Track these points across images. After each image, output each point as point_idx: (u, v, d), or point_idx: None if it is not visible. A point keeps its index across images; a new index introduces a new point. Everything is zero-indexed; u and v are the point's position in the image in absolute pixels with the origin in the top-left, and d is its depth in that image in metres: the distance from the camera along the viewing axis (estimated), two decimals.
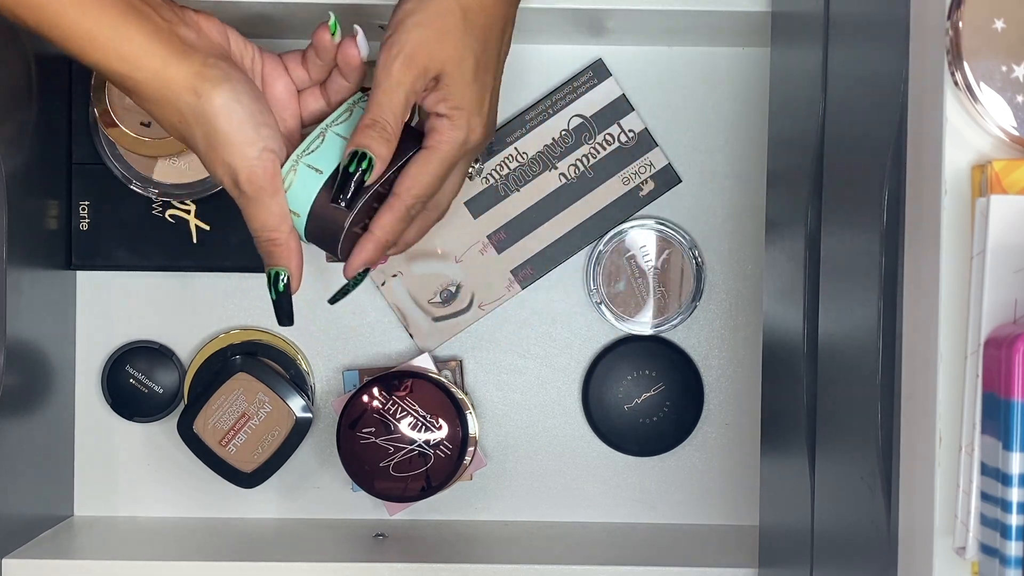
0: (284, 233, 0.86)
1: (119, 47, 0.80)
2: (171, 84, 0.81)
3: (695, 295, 1.13)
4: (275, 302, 0.88)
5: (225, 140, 0.82)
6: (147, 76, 0.81)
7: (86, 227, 1.10)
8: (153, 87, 0.81)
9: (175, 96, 0.81)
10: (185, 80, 0.81)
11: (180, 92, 0.81)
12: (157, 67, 0.81)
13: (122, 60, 0.80)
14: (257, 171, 0.83)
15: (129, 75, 0.81)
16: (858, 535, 0.72)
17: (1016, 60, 0.59)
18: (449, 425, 1.07)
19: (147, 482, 1.14)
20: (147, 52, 0.80)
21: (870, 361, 0.68)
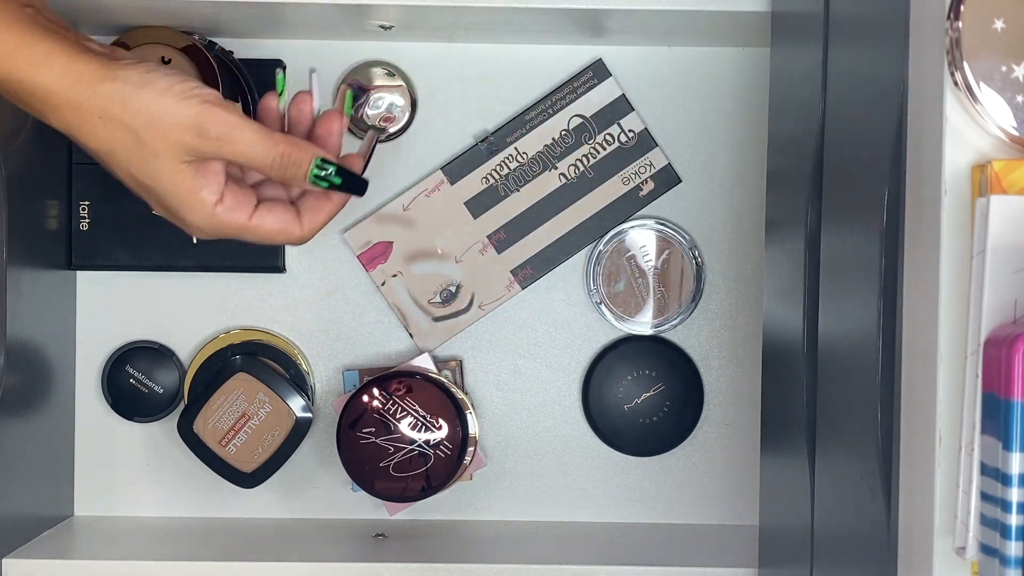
0: (283, 141, 0.80)
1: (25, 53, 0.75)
2: (82, 76, 0.75)
3: (695, 295, 1.13)
4: (344, 184, 0.82)
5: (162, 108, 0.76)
6: (56, 75, 0.75)
7: (86, 227, 1.10)
8: (65, 86, 0.75)
9: (90, 89, 0.75)
10: (97, 70, 0.75)
11: (95, 82, 0.75)
12: (64, 63, 0.75)
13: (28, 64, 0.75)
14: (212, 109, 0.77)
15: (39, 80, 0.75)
16: (858, 535, 0.72)
17: (1016, 60, 0.59)
18: (449, 425, 1.07)
19: (147, 482, 1.14)
20: (52, 52, 0.75)
21: (870, 361, 0.68)
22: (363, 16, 1.04)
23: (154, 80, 0.77)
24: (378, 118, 1.12)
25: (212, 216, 0.80)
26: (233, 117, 0.78)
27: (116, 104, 0.76)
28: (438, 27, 1.08)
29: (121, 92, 0.76)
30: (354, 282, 1.14)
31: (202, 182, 0.79)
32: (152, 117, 0.76)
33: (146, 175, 0.79)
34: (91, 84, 0.76)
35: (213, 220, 0.81)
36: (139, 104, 0.76)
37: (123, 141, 0.77)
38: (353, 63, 1.12)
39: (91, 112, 0.76)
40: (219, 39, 1.08)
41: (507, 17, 1.02)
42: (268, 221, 0.83)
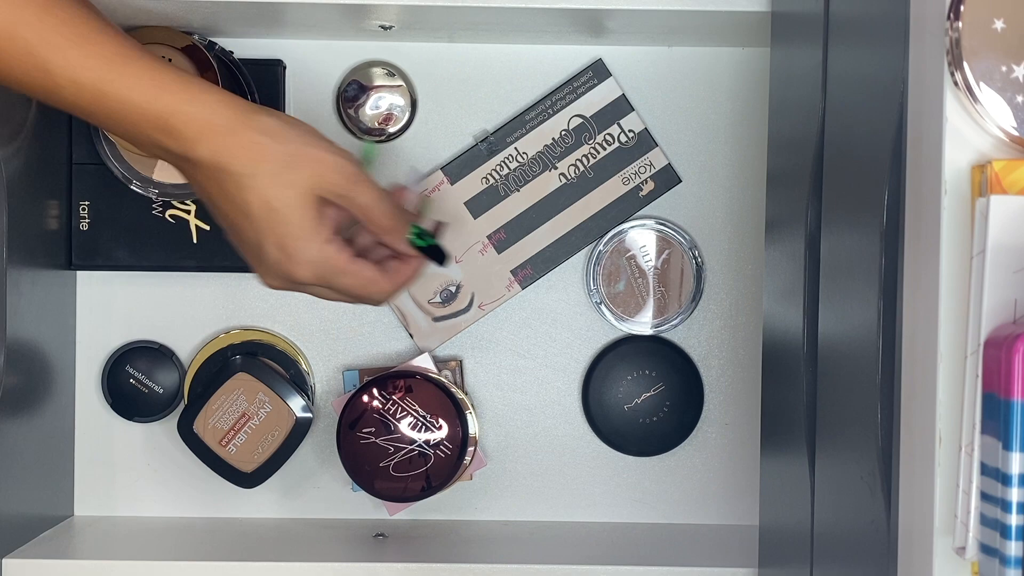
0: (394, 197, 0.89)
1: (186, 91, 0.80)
2: (239, 106, 0.81)
3: (695, 295, 1.13)
4: (431, 249, 0.91)
5: (320, 143, 0.83)
6: (214, 105, 0.81)
7: (86, 227, 1.10)
8: (225, 114, 0.81)
9: (248, 116, 0.81)
10: (250, 104, 0.82)
11: (251, 112, 0.81)
12: (220, 97, 0.81)
13: (188, 98, 0.80)
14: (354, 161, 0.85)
15: (196, 111, 0.80)
16: (858, 535, 0.72)
17: (1016, 60, 0.59)
18: (449, 425, 1.07)
19: (147, 482, 1.14)
20: (208, 89, 0.81)
21: (870, 361, 0.68)
22: (363, 16, 1.04)
23: (304, 125, 0.84)
24: (378, 118, 1.12)
25: (323, 248, 0.84)
26: (362, 172, 0.85)
27: (274, 129, 0.82)
28: (438, 27, 1.07)
29: (279, 125, 0.82)
30: None
31: (323, 217, 0.84)
32: (309, 144, 0.83)
33: (277, 198, 0.82)
34: (251, 113, 0.82)
35: (323, 252, 0.84)
36: (298, 137, 0.82)
37: (276, 157, 0.82)
38: (353, 63, 1.12)
39: (251, 130, 0.81)
40: (219, 39, 1.08)
41: (507, 17, 1.02)
42: (363, 268, 0.87)
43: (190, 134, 0.81)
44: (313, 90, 1.12)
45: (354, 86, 1.12)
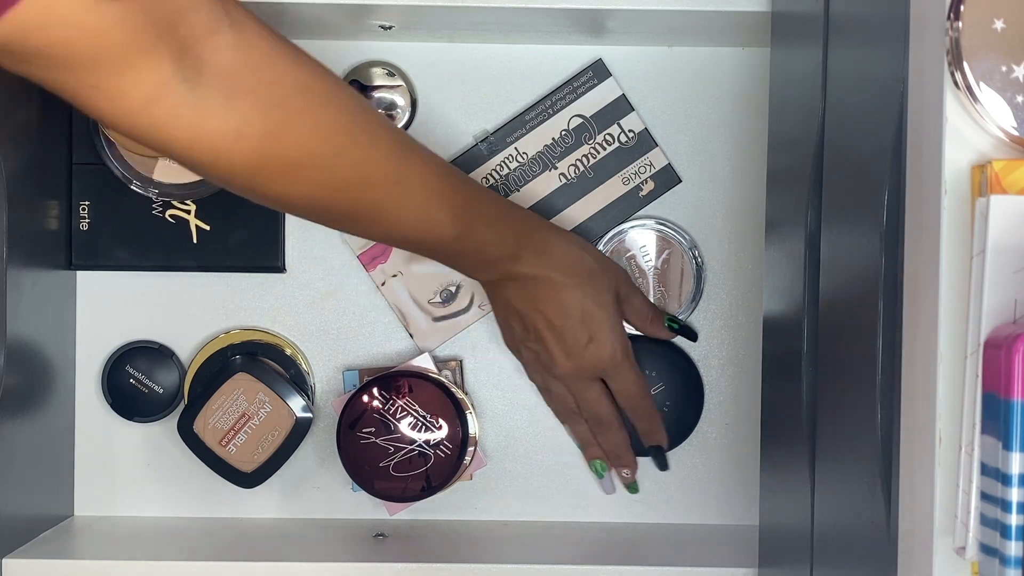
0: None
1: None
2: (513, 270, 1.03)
3: (695, 295, 1.13)
4: (680, 331, 1.13)
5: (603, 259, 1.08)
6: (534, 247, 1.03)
7: (86, 227, 1.10)
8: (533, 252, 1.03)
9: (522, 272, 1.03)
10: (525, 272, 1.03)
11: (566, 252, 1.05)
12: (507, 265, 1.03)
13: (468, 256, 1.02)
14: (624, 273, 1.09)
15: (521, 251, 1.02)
16: (858, 535, 0.72)
17: (1016, 60, 0.59)
18: (449, 425, 1.07)
19: (147, 482, 1.14)
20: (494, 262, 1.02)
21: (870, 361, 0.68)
22: (363, 16, 1.04)
23: None
24: None
25: (625, 352, 1.06)
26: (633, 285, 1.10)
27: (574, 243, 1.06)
28: (438, 27, 1.07)
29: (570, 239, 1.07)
30: (354, 282, 1.14)
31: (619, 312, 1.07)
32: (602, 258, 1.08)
33: (591, 298, 1.04)
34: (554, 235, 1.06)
35: (624, 354, 1.06)
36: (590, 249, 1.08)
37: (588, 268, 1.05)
38: (353, 63, 1.12)
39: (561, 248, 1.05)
40: None
41: (507, 17, 1.02)
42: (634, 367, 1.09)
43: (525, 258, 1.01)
44: None
45: (354, 86, 1.12)
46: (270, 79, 0.82)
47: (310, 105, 0.84)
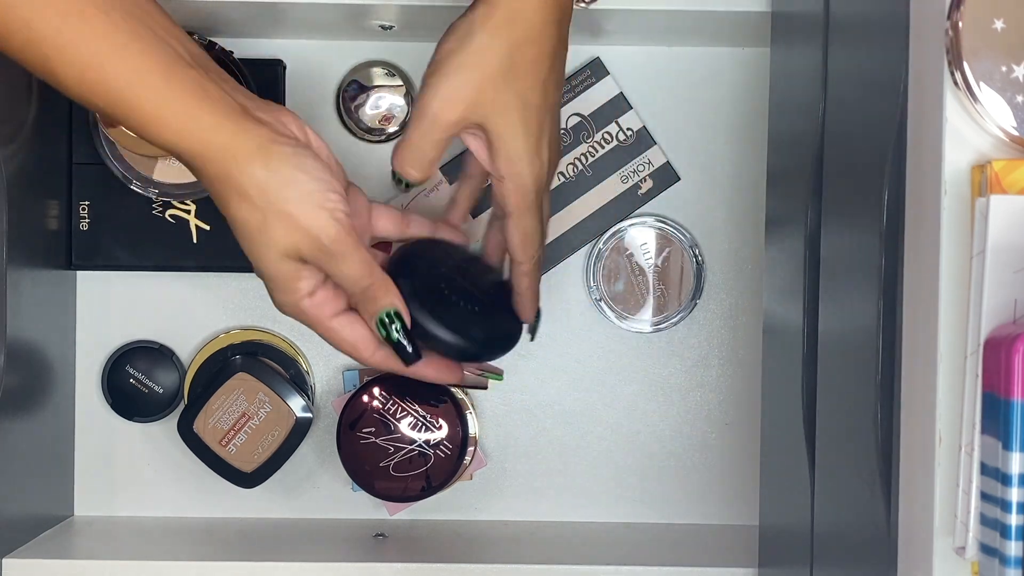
0: (377, 276, 0.85)
1: (188, 126, 0.79)
2: (238, 155, 0.79)
3: (695, 293, 1.13)
4: (395, 344, 0.86)
5: (297, 211, 0.81)
6: (215, 149, 0.79)
7: (86, 227, 1.10)
8: (219, 159, 0.79)
9: (239, 168, 0.79)
10: (253, 150, 0.80)
11: (247, 163, 0.79)
12: (225, 140, 0.79)
13: (192, 136, 0.79)
14: (336, 229, 0.82)
15: (198, 150, 0.79)
16: (858, 535, 0.72)
17: (1016, 60, 0.59)
18: (449, 425, 1.07)
19: (147, 482, 1.14)
20: (215, 128, 0.79)
21: (870, 361, 0.68)
22: (363, 16, 1.04)
23: (299, 180, 0.81)
24: (378, 118, 1.12)
25: (297, 304, 0.84)
26: (351, 241, 0.83)
27: (255, 189, 0.80)
28: (438, 27, 1.07)
29: (266, 181, 0.80)
30: None
31: (303, 274, 0.84)
32: (282, 214, 0.81)
33: (256, 255, 0.83)
34: (243, 163, 0.80)
35: (297, 307, 0.85)
36: (277, 198, 0.80)
37: (249, 221, 0.81)
38: (353, 63, 1.12)
39: (233, 188, 0.80)
40: (219, 39, 1.07)
41: None
42: (345, 331, 0.86)
43: (185, 161, 0.81)
44: (313, 90, 1.12)
45: (354, 86, 1.12)
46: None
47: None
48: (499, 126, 0.85)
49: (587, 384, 1.14)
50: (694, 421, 1.14)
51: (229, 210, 0.82)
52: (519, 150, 0.86)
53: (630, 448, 1.14)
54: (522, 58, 0.84)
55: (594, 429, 1.14)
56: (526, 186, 0.87)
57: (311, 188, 0.81)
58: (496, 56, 0.84)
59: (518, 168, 0.87)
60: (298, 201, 0.81)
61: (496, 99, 0.85)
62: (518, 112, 0.85)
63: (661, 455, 1.14)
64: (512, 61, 0.84)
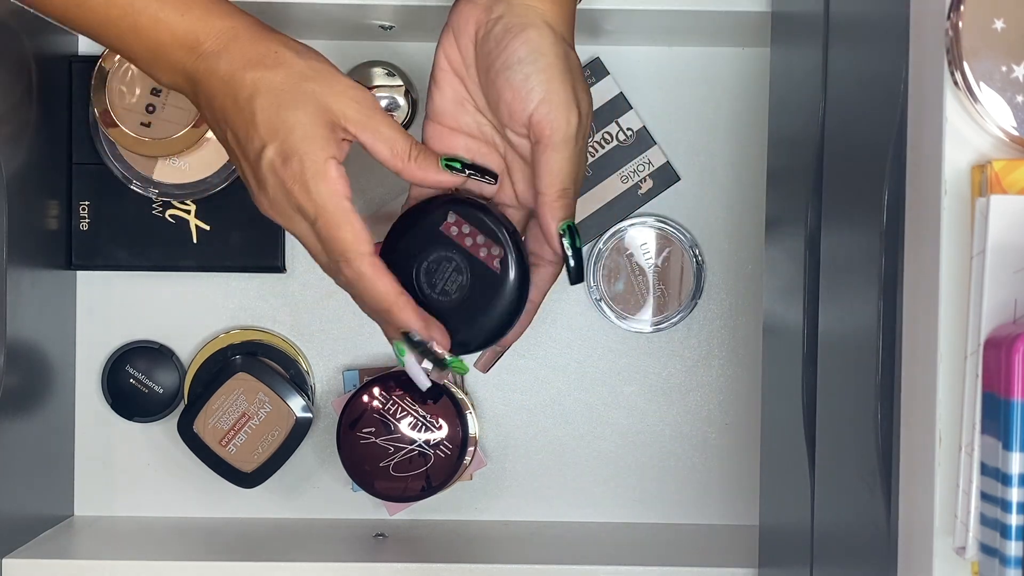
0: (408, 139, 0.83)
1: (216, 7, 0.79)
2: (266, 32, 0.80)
3: (695, 293, 1.13)
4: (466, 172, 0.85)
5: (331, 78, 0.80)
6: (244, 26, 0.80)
7: (86, 227, 1.10)
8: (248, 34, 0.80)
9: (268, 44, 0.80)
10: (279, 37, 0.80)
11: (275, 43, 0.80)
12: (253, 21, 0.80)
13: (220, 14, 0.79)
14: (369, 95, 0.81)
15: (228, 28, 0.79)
16: (858, 535, 0.72)
17: (1016, 60, 0.59)
18: (449, 425, 1.07)
19: (147, 482, 1.14)
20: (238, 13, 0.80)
21: (870, 361, 0.68)
22: (363, 16, 1.04)
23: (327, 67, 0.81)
24: None
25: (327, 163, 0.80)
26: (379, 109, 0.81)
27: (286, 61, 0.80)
28: (438, 27, 1.07)
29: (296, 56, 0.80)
30: None
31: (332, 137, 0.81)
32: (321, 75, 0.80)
33: (287, 104, 0.80)
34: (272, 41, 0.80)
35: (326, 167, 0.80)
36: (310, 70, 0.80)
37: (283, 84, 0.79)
38: (353, 63, 1.12)
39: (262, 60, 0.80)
40: None
41: None
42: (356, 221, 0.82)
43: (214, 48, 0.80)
44: None
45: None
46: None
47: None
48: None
49: (587, 384, 1.14)
50: (694, 421, 1.14)
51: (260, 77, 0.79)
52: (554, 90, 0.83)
53: (630, 448, 1.14)
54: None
55: (594, 429, 1.14)
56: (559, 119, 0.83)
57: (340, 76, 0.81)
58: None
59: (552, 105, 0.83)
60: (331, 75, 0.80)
61: None
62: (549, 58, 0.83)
63: (661, 455, 1.14)
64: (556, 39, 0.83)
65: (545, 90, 0.82)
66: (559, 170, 0.84)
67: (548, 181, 0.84)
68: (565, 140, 0.83)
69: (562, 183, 0.84)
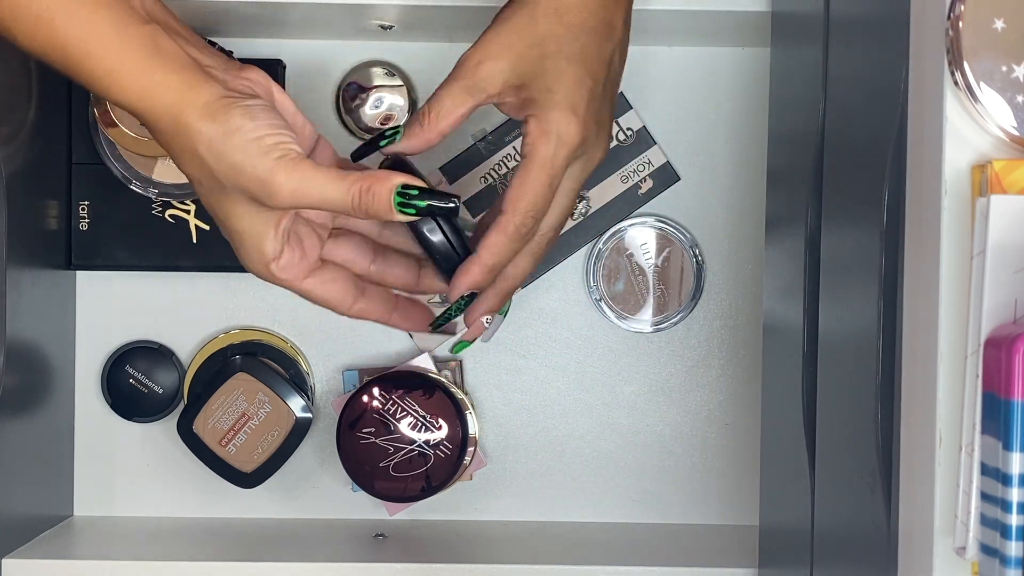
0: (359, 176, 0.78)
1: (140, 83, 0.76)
2: (187, 111, 0.76)
3: (695, 293, 1.13)
4: (425, 211, 0.79)
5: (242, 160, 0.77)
6: (164, 107, 0.77)
7: (86, 227, 1.10)
8: (168, 117, 0.77)
9: (188, 125, 0.77)
10: (204, 106, 0.76)
11: (196, 119, 0.76)
12: (174, 98, 0.77)
13: (141, 94, 0.77)
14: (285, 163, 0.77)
15: (147, 107, 0.77)
16: (858, 535, 0.72)
17: (1016, 60, 0.59)
18: (449, 425, 1.07)
19: (147, 482, 1.14)
20: (165, 85, 0.77)
21: (870, 361, 0.68)
22: (363, 16, 1.04)
23: (245, 128, 0.77)
24: (378, 118, 1.12)
25: (266, 267, 0.82)
26: (306, 167, 0.78)
27: (204, 146, 0.77)
28: (438, 27, 1.08)
29: (212, 135, 0.77)
30: None
31: (268, 235, 0.81)
32: (232, 166, 0.77)
33: (218, 214, 0.81)
34: (192, 120, 0.77)
35: (267, 271, 0.82)
36: (223, 152, 0.77)
37: (206, 178, 0.79)
38: (353, 63, 1.12)
39: (183, 146, 0.78)
40: (219, 39, 1.08)
41: None
42: (319, 292, 0.85)
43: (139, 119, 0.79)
44: (313, 90, 1.12)
45: (354, 86, 1.12)
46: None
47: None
48: (532, 70, 0.80)
49: (587, 384, 1.14)
50: (694, 421, 1.14)
51: (184, 167, 0.79)
52: (556, 94, 0.80)
53: (630, 448, 1.14)
54: (564, 15, 0.81)
55: (594, 429, 1.14)
56: (550, 133, 0.80)
57: (257, 134, 0.77)
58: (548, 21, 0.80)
59: (546, 112, 0.80)
60: (243, 149, 0.77)
61: (527, 46, 0.81)
62: (556, 55, 0.80)
63: (661, 455, 1.14)
64: (556, 15, 0.81)
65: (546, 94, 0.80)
66: (534, 192, 0.80)
67: (513, 201, 0.81)
68: (552, 160, 0.80)
69: (528, 208, 0.80)
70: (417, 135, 0.82)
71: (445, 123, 0.82)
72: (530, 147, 0.80)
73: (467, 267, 0.82)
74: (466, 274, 0.82)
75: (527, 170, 0.80)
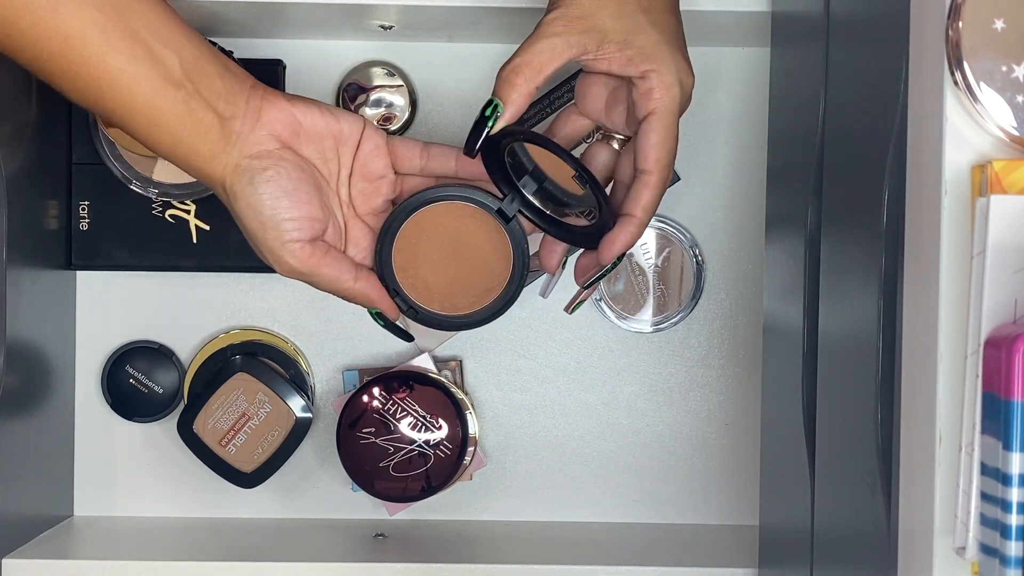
0: (351, 282, 0.87)
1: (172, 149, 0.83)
2: (212, 180, 0.85)
3: (695, 293, 1.13)
4: (388, 328, 0.90)
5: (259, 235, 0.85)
6: (193, 170, 0.85)
7: (86, 227, 1.10)
8: (203, 179, 0.86)
9: (217, 190, 0.85)
10: (220, 179, 0.84)
11: (219, 188, 0.85)
12: (201, 164, 0.84)
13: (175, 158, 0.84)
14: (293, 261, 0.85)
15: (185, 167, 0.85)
16: (858, 535, 0.72)
17: (1016, 60, 0.59)
18: (449, 425, 1.07)
19: (147, 482, 1.14)
20: (193, 154, 0.83)
21: (870, 361, 0.68)
22: (363, 16, 1.04)
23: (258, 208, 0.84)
24: (378, 118, 1.12)
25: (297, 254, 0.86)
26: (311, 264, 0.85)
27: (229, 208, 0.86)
28: (438, 27, 1.08)
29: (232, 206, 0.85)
30: None
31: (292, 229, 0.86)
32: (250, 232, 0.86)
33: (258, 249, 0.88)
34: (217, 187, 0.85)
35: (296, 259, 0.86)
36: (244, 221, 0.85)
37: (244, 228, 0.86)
38: (353, 63, 1.12)
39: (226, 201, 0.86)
40: (219, 39, 1.08)
41: (507, 17, 1.02)
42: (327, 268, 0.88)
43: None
44: (313, 90, 1.12)
45: (354, 86, 1.12)
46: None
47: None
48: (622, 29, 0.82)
49: (587, 384, 1.14)
50: (694, 421, 1.14)
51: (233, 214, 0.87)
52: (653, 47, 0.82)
53: (630, 448, 1.14)
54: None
55: (594, 429, 1.14)
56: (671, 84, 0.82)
57: (268, 215, 0.84)
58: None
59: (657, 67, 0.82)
60: (260, 231, 0.85)
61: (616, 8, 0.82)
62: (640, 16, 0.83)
63: (661, 455, 1.14)
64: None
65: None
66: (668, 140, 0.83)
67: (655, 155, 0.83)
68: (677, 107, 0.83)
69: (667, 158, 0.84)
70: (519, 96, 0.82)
71: (542, 77, 0.83)
72: (657, 102, 0.82)
73: (624, 227, 0.84)
74: (627, 235, 0.84)
75: (662, 125, 0.82)
